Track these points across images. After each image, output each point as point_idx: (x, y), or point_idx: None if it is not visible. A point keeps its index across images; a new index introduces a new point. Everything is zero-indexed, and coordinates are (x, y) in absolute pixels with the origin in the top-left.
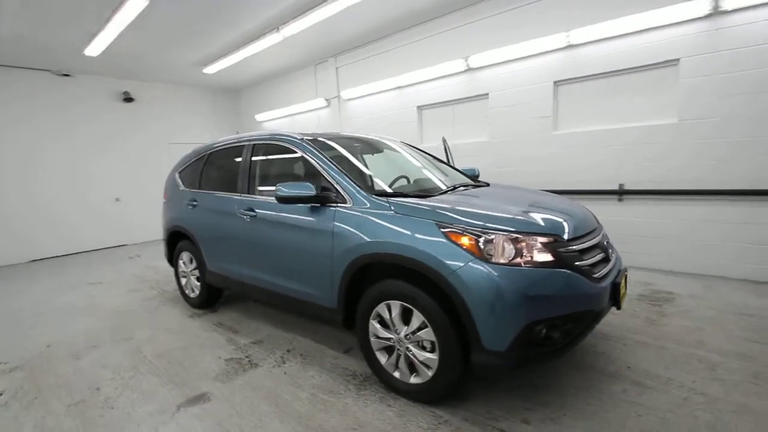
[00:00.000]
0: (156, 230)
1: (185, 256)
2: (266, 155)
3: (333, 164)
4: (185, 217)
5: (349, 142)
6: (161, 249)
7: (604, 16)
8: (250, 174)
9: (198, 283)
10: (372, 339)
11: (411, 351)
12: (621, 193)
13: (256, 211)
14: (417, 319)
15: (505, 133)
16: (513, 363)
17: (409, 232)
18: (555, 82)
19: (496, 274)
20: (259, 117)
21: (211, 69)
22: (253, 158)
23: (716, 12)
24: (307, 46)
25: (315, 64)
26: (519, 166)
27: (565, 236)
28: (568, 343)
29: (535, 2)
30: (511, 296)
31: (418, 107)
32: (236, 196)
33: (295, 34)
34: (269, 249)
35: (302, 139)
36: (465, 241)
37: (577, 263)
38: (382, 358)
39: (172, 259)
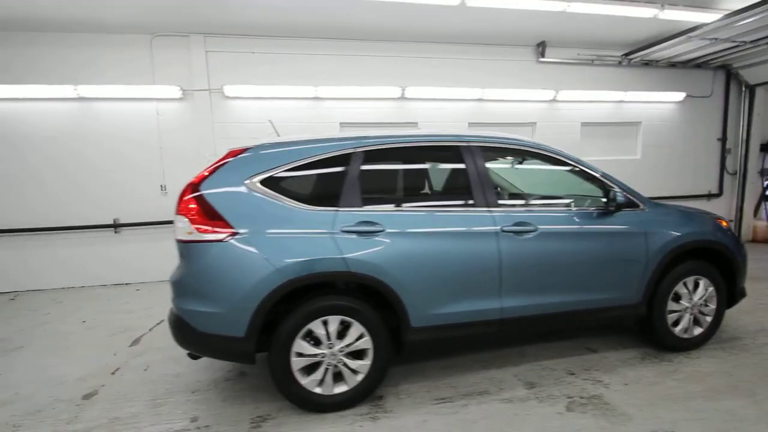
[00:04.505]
0: None
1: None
2: (509, 163)
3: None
4: (356, 255)
5: None
6: None
7: (503, 84)
8: (492, 183)
9: (363, 362)
10: (668, 316)
11: (701, 312)
12: None
13: (539, 226)
14: (704, 285)
15: None
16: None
17: (701, 224)
18: (469, 123)
19: (741, 241)
20: None
21: None
22: (488, 165)
23: (554, 100)
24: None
25: (153, 33)
26: None
27: None
28: None
29: (463, 60)
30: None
31: (342, 124)
32: (483, 212)
33: None
34: (562, 267)
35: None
36: (724, 225)
37: None
38: (675, 327)
39: (266, 341)
